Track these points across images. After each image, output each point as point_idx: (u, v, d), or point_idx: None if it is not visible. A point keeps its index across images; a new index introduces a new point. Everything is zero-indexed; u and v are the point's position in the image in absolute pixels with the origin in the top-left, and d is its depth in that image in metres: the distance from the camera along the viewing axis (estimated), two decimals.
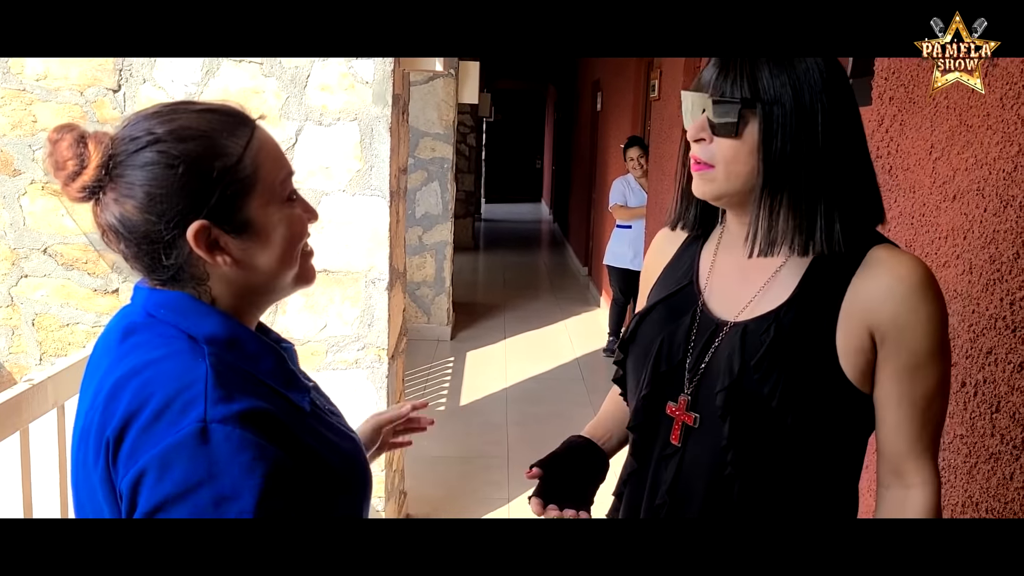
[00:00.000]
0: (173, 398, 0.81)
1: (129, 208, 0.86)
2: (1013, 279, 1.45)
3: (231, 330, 0.90)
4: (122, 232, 0.87)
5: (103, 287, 2.93)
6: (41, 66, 2.81)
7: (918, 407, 1.05)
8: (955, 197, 1.64)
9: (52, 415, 1.76)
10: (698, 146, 1.08)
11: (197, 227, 0.86)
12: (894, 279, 1.03)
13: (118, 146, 0.87)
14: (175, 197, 0.85)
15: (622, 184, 5.90)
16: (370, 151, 2.56)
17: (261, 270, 0.92)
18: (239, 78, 2.52)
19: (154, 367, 0.84)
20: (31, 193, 2.87)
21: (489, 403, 4.97)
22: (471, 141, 11.25)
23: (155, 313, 0.89)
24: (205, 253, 0.88)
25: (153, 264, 0.89)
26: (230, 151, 0.88)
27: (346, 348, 2.68)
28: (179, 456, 0.79)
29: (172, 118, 0.88)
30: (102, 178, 0.86)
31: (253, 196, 0.89)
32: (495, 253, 11.03)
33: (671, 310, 1.19)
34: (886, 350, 1.04)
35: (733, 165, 1.06)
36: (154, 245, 0.87)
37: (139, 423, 0.81)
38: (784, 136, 1.03)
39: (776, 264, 1.10)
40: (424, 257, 6.49)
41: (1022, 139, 1.43)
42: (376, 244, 2.62)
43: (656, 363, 1.15)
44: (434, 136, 6.41)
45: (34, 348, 2.96)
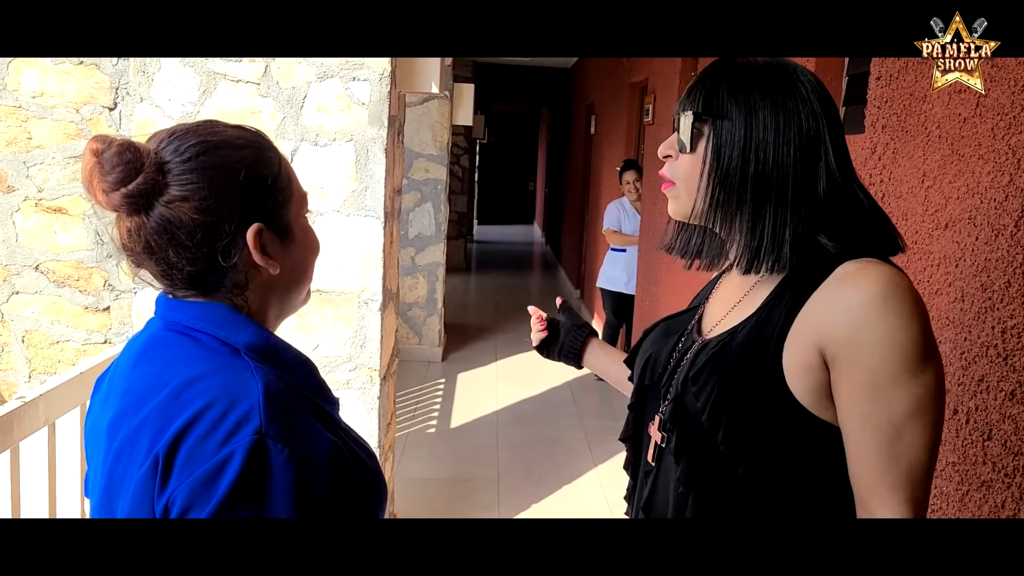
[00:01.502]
0: (228, 412, 0.82)
1: (187, 211, 0.87)
2: (1005, 307, 1.46)
3: (269, 340, 0.92)
4: (177, 236, 0.87)
5: (94, 304, 2.92)
6: (37, 83, 2.82)
7: (883, 435, 0.93)
8: (947, 225, 1.65)
9: (43, 433, 1.75)
10: (665, 164, 1.10)
11: (256, 228, 0.90)
12: (851, 291, 0.94)
13: (164, 153, 0.88)
14: (236, 199, 0.89)
15: (617, 208, 5.92)
16: (365, 172, 2.57)
17: (296, 277, 0.97)
18: (236, 98, 2.52)
19: (205, 380, 0.85)
20: (24, 210, 2.86)
21: (480, 425, 4.96)
22: (465, 162, 11.29)
23: (192, 324, 0.90)
24: (260, 256, 0.91)
25: (206, 268, 0.89)
26: (274, 161, 0.94)
27: (338, 368, 2.67)
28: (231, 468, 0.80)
29: (216, 130, 0.92)
30: (158, 182, 0.86)
31: (291, 205, 0.95)
32: (487, 275, 11.03)
33: (668, 329, 1.21)
34: (838, 369, 0.95)
35: (691, 181, 1.06)
36: (213, 247, 0.88)
37: (194, 436, 0.81)
38: (732, 151, 1.01)
39: (752, 282, 1.09)
40: (416, 278, 6.49)
41: (1013, 169, 1.45)
42: (370, 265, 2.62)
43: (640, 377, 1.18)
44: (428, 157, 6.43)
45: (23, 365, 2.95)
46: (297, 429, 0.84)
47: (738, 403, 0.99)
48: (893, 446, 0.93)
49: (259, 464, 0.80)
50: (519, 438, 4.74)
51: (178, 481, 0.81)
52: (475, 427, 4.93)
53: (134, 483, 0.85)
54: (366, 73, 2.52)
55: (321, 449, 0.86)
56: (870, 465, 0.94)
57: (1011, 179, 1.45)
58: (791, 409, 0.98)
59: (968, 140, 1.59)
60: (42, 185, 2.85)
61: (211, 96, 2.53)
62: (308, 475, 0.83)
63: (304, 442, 0.84)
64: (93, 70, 2.83)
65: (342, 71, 2.52)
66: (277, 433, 0.82)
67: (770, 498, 1.01)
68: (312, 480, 0.83)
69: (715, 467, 1.02)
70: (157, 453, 0.82)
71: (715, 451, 1.01)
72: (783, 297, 1.02)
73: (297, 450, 0.82)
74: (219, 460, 0.80)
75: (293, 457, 0.82)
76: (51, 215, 2.87)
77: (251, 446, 0.80)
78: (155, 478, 0.82)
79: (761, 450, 0.99)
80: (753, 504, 1.01)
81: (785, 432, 0.98)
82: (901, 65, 1.89)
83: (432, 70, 2.77)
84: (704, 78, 1.06)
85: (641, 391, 1.18)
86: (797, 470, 1.00)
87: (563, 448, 4.63)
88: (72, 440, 1.88)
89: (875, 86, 2.03)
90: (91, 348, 2.94)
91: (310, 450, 0.84)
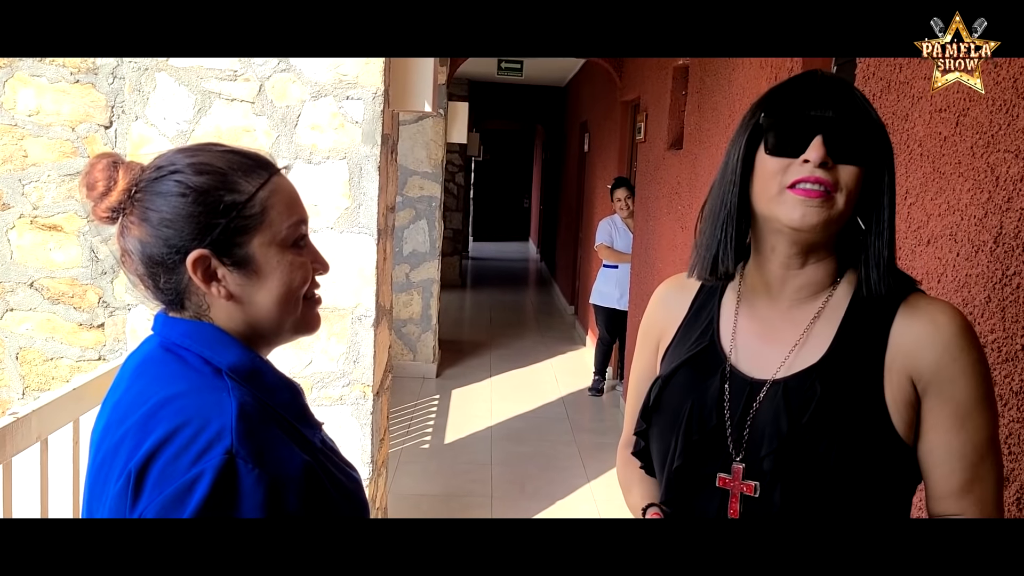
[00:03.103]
0: (200, 432, 0.83)
1: (144, 231, 0.91)
2: (985, 322, 1.48)
3: (252, 361, 0.93)
4: (135, 254, 0.92)
5: (89, 321, 2.93)
6: (33, 102, 2.84)
7: (968, 461, 0.99)
8: (929, 241, 1.68)
9: (35, 449, 1.76)
10: (822, 170, 0.99)
11: (196, 255, 0.91)
12: (933, 328, 1.00)
13: (144, 174, 0.93)
14: (181, 224, 0.91)
15: (608, 224, 5.96)
16: (359, 189, 2.60)
17: (258, 308, 0.95)
18: (231, 116, 2.55)
19: (181, 400, 0.87)
20: (19, 227, 2.88)
21: (474, 441, 4.96)
22: (459, 180, 11.33)
23: (180, 342, 0.93)
24: (201, 281, 0.92)
25: (154, 287, 0.94)
26: (242, 189, 0.93)
27: (331, 384, 2.68)
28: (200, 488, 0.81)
29: (196, 154, 0.94)
30: (125, 201, 0.91)
31: (256, 235, 0.93)
32: (482, 291, 11.05)
33: (696, 372, 1.10)
34: (929, 400, 1.00)
35: (853, 192, 1.01)
36: (156, 268, 0.92)
37: (166, 455, 0.83)
38: (887, 167, 1.04)
39: (808, 317, 1.06)
40: (411, 295, 6.50)
41: (991, 186, 1.48)
42: (363, 281, 2.64)
43: (688, 431, 1.06)
44: (423, 175, 6.47)
45: (17, 382, 2.95)
46: (270, 449, 0.85)
47: (859, 445, 0.99)
48: (975, 471, 0.99)
49: (228, 483, 0.81)
50: (513, 454, 4.75)
51: (149, 499, 0.82)
52: (469, 443, 4.93)
53: (110, 498, 0.86)
54: (359, 92, 2.55)
55: (293, 469, 0.86)
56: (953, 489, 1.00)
57: (990, 196, 1.48)
58: (892, 442, 1.00)
59: (948, 158, 1.63)
60: (37, 202, 2.87)
61: (206, 115, 2.56)
62: (278, 495, 0.84)
63: (276, 462, 0.85)
64: (89, 89, 2.85)
65: (336, 90, 2.55)
66: (248, 453, 0.83)
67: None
68: (282, 500, 0.84)
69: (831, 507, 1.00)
70: (130, 470, 0.84)
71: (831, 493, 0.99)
72: (858, 333, 1.03)
73: (268, 470, 0.83)
74: (189, 479, 0.81)
75: (263, 477, 0.83)
76: (46, 232, 2.89)
77: (221, 466, 0.81)
78: (127, 494, 0.84)
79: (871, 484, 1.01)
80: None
81: (888, 463, 1.01)
82: (884, 85, 1.93)
83: (425, 89, 2.80)
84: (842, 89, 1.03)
85: (692, 447, 1.06)
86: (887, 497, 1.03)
87: (557, 464, 4.63)
88: (65, 456, 1.89)
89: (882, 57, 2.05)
90: (85, 365, 2.95)
91: (282, 470, 0.85)
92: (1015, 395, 1.41)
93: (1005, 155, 1.44)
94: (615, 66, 6.39)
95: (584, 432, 5.23)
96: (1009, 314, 1.42)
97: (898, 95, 1.85)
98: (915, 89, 1.77)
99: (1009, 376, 1.42)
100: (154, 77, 2.53)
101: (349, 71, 2.54)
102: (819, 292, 1.07)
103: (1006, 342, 1.43)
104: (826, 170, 0.99)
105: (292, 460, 0.87)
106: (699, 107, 3.81)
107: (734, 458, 1.03)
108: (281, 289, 0.95)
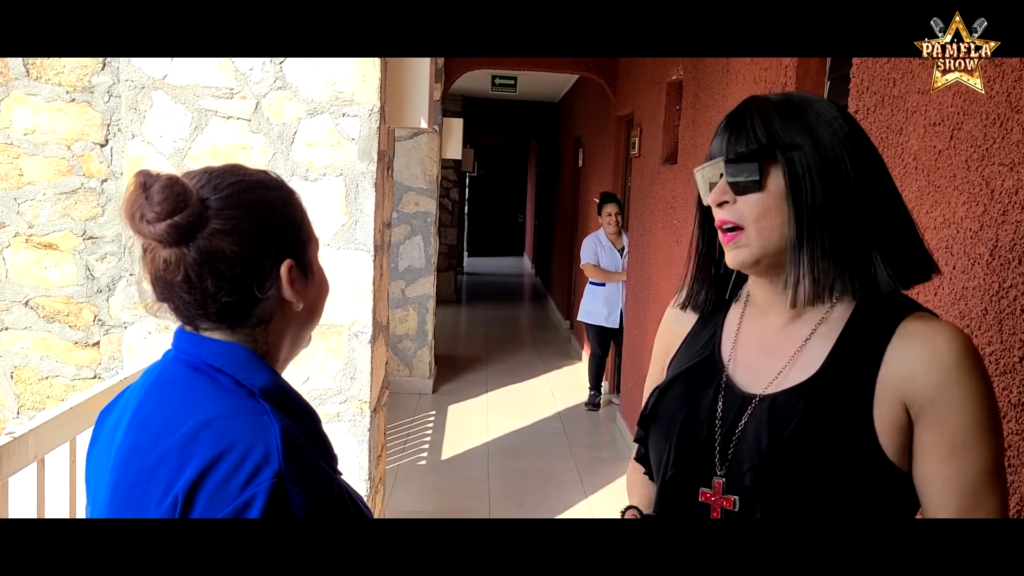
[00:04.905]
0: (247, 455, 0.84)
1: (228, 243, 0.90)
2: (983, 334, 1.49)
3: (281, 385, 0.94)
4: (217, 267, 0.90)
5: (84, 340, 2.92)
6: (29, 120, 2.84)
7: (963, 491, 0.95)
8: None
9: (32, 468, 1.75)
10: (722, 210, 1.03)
11: (290, 263, 0.94)
12: (931, 352, 0.95)
13: (206, 191, 0.92)
14: (274, 235, 0.94)
15: (593, 241, 5.94)
16: (355, 206, 2.60)
17: (314, 315, 1.01)
18: (227, 134, 2.56)
19: (223, 422, 0.87)
20: (15, 246, 2.87)
21: (471, 457, 4.95)
22: (454, 195, 11.35)
23: (211, 361, 0.92)
24: (289, 289, 0.94)
25: (242, 299, 0.92)
26: (299, 204, 1.00)
27: (328, 401, 2.68)
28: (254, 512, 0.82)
29: (250, 172, 0.97)
30: (202, 215, 0.90)
31: (311, 245, 1.00)
32: (477, 307, 11.05)
33: (693, 384, 1.10)
34: (922, 427, 0.96)
35: (763, 220, 1.01)
36: (251, 279, 0.92)
37: (214, 478, 0.83)
38: (812, 178, 0.98)
39: (804, 334, 1.04)
40: (407, 310, 6.50)
41: (987, 199, 1.48)
42: (360, 297, 2.64)
43: (680, 441, 1.07)
44: (418, 190, 6.48)
45: (12, 401, 2.94)
46: (311, 471, 0.87)
47: (841, 466, 0.97)
48: (973, 502, 0.95)
49: (280, 506, 0.82)
50: (510, 469, 4.73)
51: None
52: (466, 459, 4.91)
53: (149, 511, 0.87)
54: (355, 109, 2.56)
55: (332, 491, 0.89)
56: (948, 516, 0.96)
57: (985, 209, 1.49)
58: (882, 466, 0.97)
59: (943, 172, 1.64)
60: (33, 221, 2.87)
61: (202, 132, 2.56)
62: (324, 515, 0.86)
63: (318, 484, 0.87)
64: (85, 107, 2.86)
65: (332, 107, 2.56)
66: (295, 476, 0.84)
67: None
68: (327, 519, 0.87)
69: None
70: (177, 494, 0.84)
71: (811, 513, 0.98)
72: (855, 351, 0.99)
73: (313, 492, 0.85)
74: (241, 503, 0.82)
75: (310, 498, 0.84)
76: (41, 251, 2.89)
77: (271, 489, 0.82)
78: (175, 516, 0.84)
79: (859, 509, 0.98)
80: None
81: (877, 487, 0.98)
82: (877, 99, 1.94)
83: (421, 105, 2.81)
84: (745, 116, 1.03)
85: (683, 457, 1.07)
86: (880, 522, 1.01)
87: (554, 479, 4.62)
88: (62, 475, 1.87)
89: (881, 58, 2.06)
90: (81, 383, 2.93)
91: (324, 491, 0.87)
92: (1013, 407, 1.41)
93: (1000, 168, 1.45)
94: (609, 81, 6.42)
95: (581, 447, 5.22)
96: (1006, 326, 1.43)
97: (892, 109, 1.86)
98: (909, 103, 1.79)
99: (1007, 388, 1.42)
100: (150, 95, 2.54)
101: (345, 88, 2.55)
102: (816, 307, 1.04)
103: (1003, 354, 1.43)
104: (729, 208, 1.02)
105: (329, 481, 0.90)
106: (693, 122, 3.83)
107: (717, 471, 1.03)
108: (324, 295, 1.03)
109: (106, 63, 2.84)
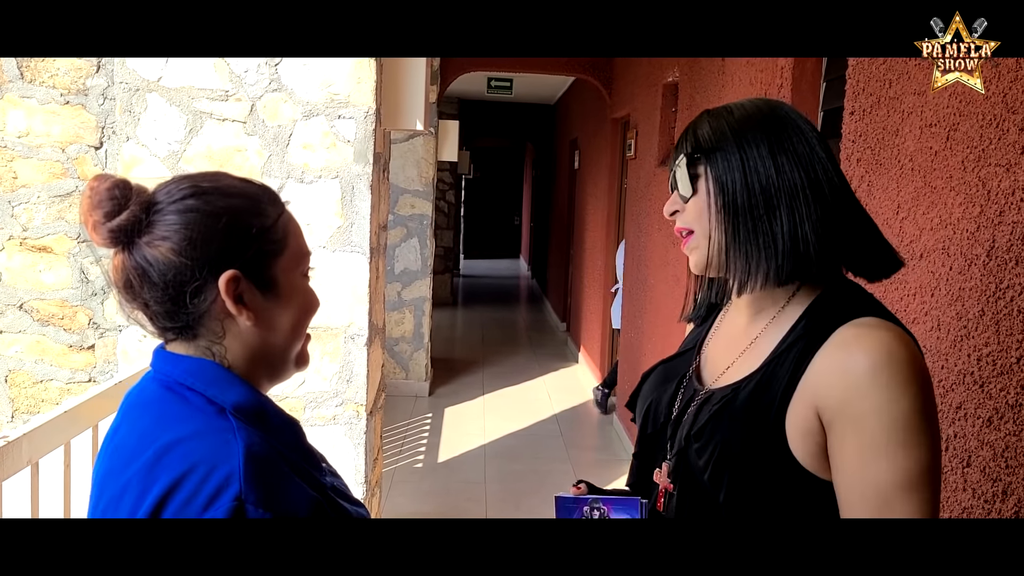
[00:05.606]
0: (207, 478, 0.82)
1: (163, 250, 0.88)
2: (979, 335, 1.49)
3: (257, 400, 0.92)
4: (150, 275, 0.89)
5: (79, 343, 2.91)
6: (23, 123, 2.83)
7: (872, 505, 0.93)
8: (922, 255, 1.69)
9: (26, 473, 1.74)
10: (676, 218, 1.09)
11: (230, 275, 0.90)
12: (849, 360, 0.95)
13: (158, 195, 0.90)
14: (213, 243, 0.89)
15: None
16: (351, 208, 2.59)
17: (277, 334, 0.95)
18: (222, 136, 2.55)
19: (186, 444, 0.85)
20: (9, 249, 2.86)
21: (467, 459, 4.94)
22: (450, 198, 11.34)
23: (182, 380, 0.91)
24: (231, 303, 0.90)
25: (174, 309, 0.90)
26: (268, 214, 0.94)
27: (324, 404, 2.67)
28: None
29: (217, 178, 0.94)
30: (140, 219, 0.88)
31: (281, 259, 0.94)
32: (474, 309, 11.04)
33: (667, 373, 1.20)
34: (833, 436, 0.96)
35: (702, 221, 1.05)
36: (181, 288, 0.89)
37: (175, 502, 0.82)
38: (732, 174, 1.02)
39: (755, 333, 1.07)
40: (403, 313, 6.49)
41: (983, 200, 1.48)
42: (356, 300, 2.63)
43: (644, 423, 1.18)
44: (414, 193, 6.47)
45: (6, 405, 2.93)
46: (279, 490, 0.85)
47: (740, 464, 0.99)
48: (877, 514, 0.93)
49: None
50: (507, 472, 4.73)
51: None
52: (463, 461, 4.91)
53: None
54: (351, 111, 2.55)
55: (302, 509, 0.86)
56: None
57: (982, 210, 1.49)
58: (792, 470, 0.98)
59: (940, 172, 1.63)
60: (27, 224, 2.86)
61: (197, 135, 2.55)
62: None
63: (286, 503, 0.85)
64: (79, 110, 2.85)
65: (327, 109, 2.55)
66: (257, 498, 0.82)
67: None
68: None
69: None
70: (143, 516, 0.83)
71: (716, 507, 1.02)
72: (788, 354, 1.01)
73: (281, 512, 0.83)
74: None
75: (276, 520, 0.82)
76: (36, 254, 2.88)
77: (231, 513, 0.80)
78: None
79: (762, 509, 0.99)
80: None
81: (786, 492, 0.99)
82: (873, 100, 1.94)
83: (416, 107, 2.81)
84: (687, 129, 1.09)
85: (645, 439, 1.18)
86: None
87: (551, 481, 4.61)
88: (56, 480, 1.86)
89: (849, 121, 2.07)
90: (75, 387, 2.92)
91: (291, 510, 0.85)
92: (1011, 408, 1.41)
93: (996, 169, 1.45)
94: (604, 83, 6.42)
95: (578, 449, 5.22)
96: (1003, 327, 1.42)
97: (888, 110, 1.86)
98: (905, 104, 1.79)
99: (1004, 390, 1.42)
100: (145, 98, 2.53)
101: (341, 90, 2.54)
102: (772, 306, 1.07)
103: (1000, 355, 1.43)
104: (680, 216, 1.08)
105: (301, 499, 0.87)
106: None
107: (668, 456, 1.11)
108: (299, 314, 0.96)
109: (101, 65, 2.84)
